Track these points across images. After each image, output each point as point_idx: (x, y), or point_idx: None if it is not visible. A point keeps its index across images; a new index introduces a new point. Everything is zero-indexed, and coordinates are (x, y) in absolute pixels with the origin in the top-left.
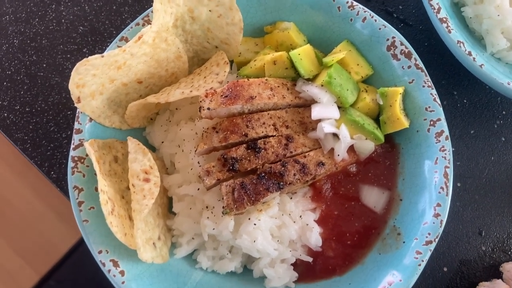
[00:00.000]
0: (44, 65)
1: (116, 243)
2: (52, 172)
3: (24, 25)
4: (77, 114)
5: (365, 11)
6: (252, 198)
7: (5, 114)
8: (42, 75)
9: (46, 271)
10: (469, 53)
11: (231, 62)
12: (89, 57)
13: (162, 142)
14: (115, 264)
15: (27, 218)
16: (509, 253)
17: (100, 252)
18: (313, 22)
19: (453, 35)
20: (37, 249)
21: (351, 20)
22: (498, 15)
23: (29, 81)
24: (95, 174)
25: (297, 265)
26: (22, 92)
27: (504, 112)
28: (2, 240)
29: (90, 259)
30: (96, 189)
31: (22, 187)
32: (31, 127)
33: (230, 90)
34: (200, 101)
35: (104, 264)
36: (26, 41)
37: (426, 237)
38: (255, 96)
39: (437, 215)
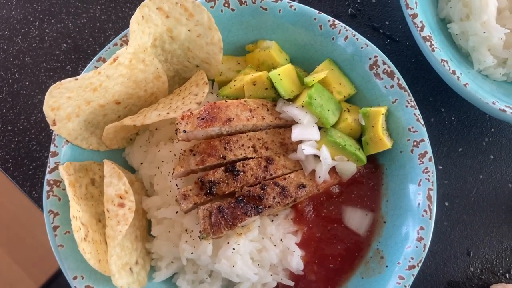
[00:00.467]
0: (27, 83)
1: (92, 269)
2: (34, 192)
3: (7, 42)
4: (53, 137)
5: (346, 30)
6: (230, 223)
7: None
8: (24, 93)
9: (45, 281)
10: (453, 72)
11: (212, 81)
12: (63, 81)
13: (142, 163)
14: None
15: (25, 226)
16: (498, 274)
17: (75, 278)
18: (295, 40)
19: (437, 54)
20: (36, 258)
21: (333, 38)
22: (484, 32)
23: (11, 99)
24: None
25: None
26: (4, 111)
27: (492, 130)
28: (1, 249)
29: None
30: None
31: (20, 194)
32: (13, 146)
33: (207, 112)
34: (176, 124)
35: None
36: (9, 59)
37: (409, 261)
38: (233, 118)
39: (420, 239)
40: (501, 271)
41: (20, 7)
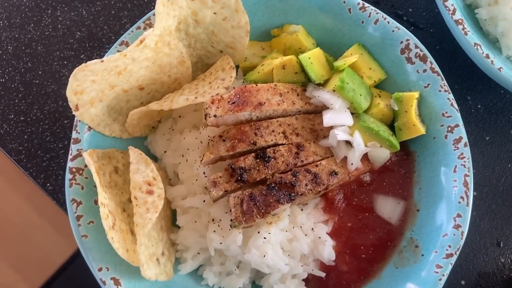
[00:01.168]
0: (40, 72)
1: (117, 260)
2: (48, 184)
3: (19, 31)
4: (75, 123)
5: (377, 13)
6: (262, 210)
7: None
8: (37, 83)
9: (41, 284)
10: (487, 56)
11: (237, 67)
12: (88, 62)
13: (165, 152)
14: (116, 282)
15: (21, 230)
16: None
17: (100, 269)
18: (323, 25)
19: (470, 37)
20: (32, 261)
21: (363, 22)
22: None
23: (24, 89)
24: (94, 186)
25: (309, 280)
26: (16, 101)
27: None
28: None
29: (86, 272)
30: (96, 202)
31: (16, 197)
32: (26, 137)
33: (238, 96)
34: (206, 108)
35: (104, 283)
36: (21, 48)
37: (447, 249)
38: (264, 102)
39: (457, 227)
40: None
41: None
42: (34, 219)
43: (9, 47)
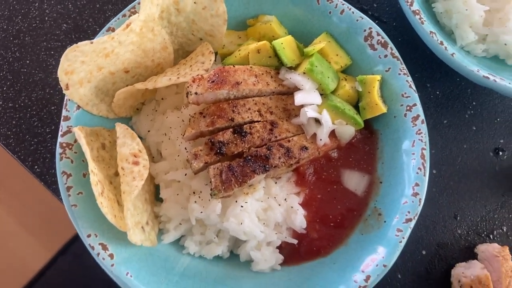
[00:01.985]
0: (28, 62)
1: (104, 227)
2: (36, 167)
3: (7, 22)
4: (65, 102)
5: (343, 4)
6: (240, 180)
7: None
8: (25, 71)
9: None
10: (441, 43)
11: (216, 53)
12: (79, 43)
13: (148, 131)
14: (104, 247)
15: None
16: (483, 235)
17: (89, 235)
18: (294, 15)
19: (426, 26)
20: (9, 267)
21: (330, 12)
22: (466, 10)
23: (12, 77)
24: (83, 160)
25: (283, 248)
26: (5, 88)
27: (474, 103)
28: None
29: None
30: (84, 175)
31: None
32: (14, 122)
33: (217, 75)
34: (188, 87)
35: (93, 248)
36: (9, 38)
37: (406, 215)
38: (241, 82)
39: (415, 194)
40: (485, 232)
41: None
42: (11, 225)
43: None
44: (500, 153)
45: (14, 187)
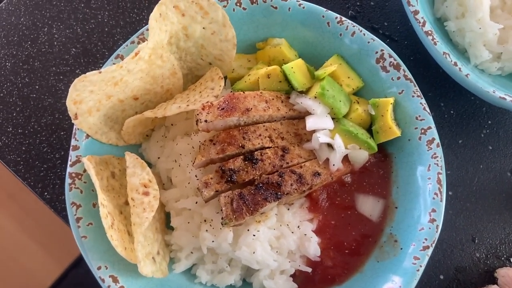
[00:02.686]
0: (37, 87)
1: (115, 259)
2: (46, 193)
3: (16, 48)
4: (74, 131)
5: (353, 26)
6: (251, 208)
7: None
8: (34, 97)
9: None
10: (455, 64)
11: (225, 78)
12: (87, 73)
13: (158, 158)
14: (115, 279)
15: (8, 251)
16: (503, 258)
17: (99, 268)
18: (304, 38)
19: (439, 47)
20: (21, 283)
21: (341, 35)
22: (480, 28)
23: (21, 103)
24: (93, 190)
25: (296, 276)
26: (14, 114)
27: (489, 122)
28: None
29: None
30: (94, 205)
31: (3, 217)
32: (23, 148)
33: (227, 102)
34: (197, 114)
35: (103, 280)
36: (19, 64)
37: (423, 242)
38: (251, 108)
39: (432, 221)
40: (505, 256)
41: (28, 14)
42: (23, 240)
43: (7, 64)
44: None
45: (26, 203)
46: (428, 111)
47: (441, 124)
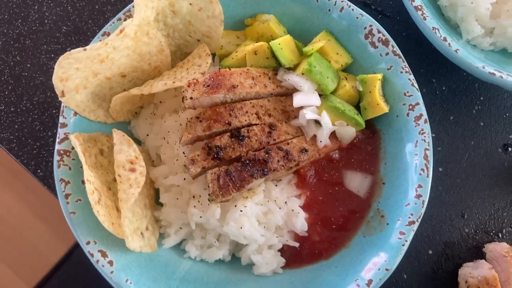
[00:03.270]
0: (28, 65)
1: (103, 234)
2: (39, 171)
3: (7, 26)
4: (61, 108)
5: (342, 1)
6: (237, 185)
7: None
8: (26, 75)
9: (36, 283)
10: (444, 39)
11: (213, 55)
12: (72, 51)
13: (147, 135)
14: (103, 254)
15: (15, 230)
16: (491, 234)
17: (88, 243)
18: (293, 13)
19: (428, 22)
20: (27, 260)
21: (329, 10)
22: (472, 3)
23: (13, 81)
24: (81, 167)
25: (284, 251)
26: (6, 93)
27: (482, 98)
28: None
29: (81, 269)
30: (83, 181)
31: (9, 196)
32: (16, 126)
33: (212, 79)
34: (183, 91)
35: (92, 255)
36: (10, 42)
37: (409, 217)
38: (237, 85)
39: (418, 196)
40: (494, 231)
41: None
42: (28, 218)
43: None
44: (509, 149)
45: (30, 183)
46: (417, 87)
47: (433, 101)
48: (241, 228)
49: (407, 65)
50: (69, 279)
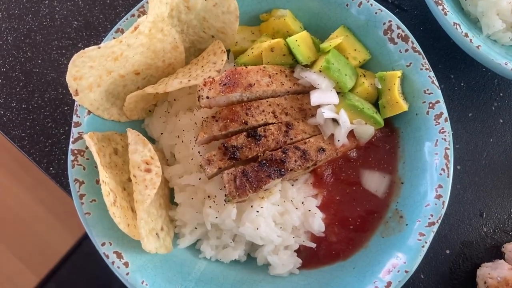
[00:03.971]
0: (39, 61)
1: (119, 235)
2: (51, 168)
3: (18, 21)
4: (75, 107)
5: None
6: (254, 185)
7: (2, 112)
8: (37, 71)
9: (45, 273)
10: (466, 35)
11: (228, 51)
12: (86, 49)
13: (162, 134)
14: (119, 255)
15: (25, 221)
16: (511, 233)
17: (103, 244)
18: (309, 8)
19: (449, 17)
20: (36, 251)
21: (347, 5)
22: None
23: (24, 78)
24: (95, 167)
25: (301, 251)
26: (18, 89)
27: (501, 94)
28: (1, 244)
29: (89, 259)
30: (97, 181)
31: (19, 189)
32: (28, 123)
33: (229, 78)
34: (199, 90)
35: (107, 256)
36: (20, 38)
37: (429, 218)
38: (254, 84)
39: (439, 197)
40: None
41: None
42: (38, 210)
43: (9, 38)
44: None
45: (39, 175)
46: (437, 84)
47: (451, 97)
48: (257, 229)
49: (427, 62)
50: (78, 269)
